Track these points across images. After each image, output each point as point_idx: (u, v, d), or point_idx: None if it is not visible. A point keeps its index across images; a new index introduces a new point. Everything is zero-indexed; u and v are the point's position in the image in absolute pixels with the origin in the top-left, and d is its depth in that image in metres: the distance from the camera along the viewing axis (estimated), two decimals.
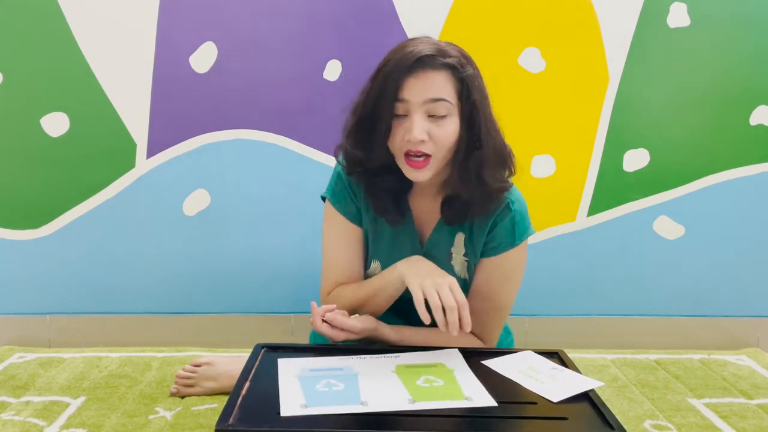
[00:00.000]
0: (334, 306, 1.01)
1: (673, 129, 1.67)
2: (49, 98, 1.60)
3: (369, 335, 1.00)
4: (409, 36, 1.59)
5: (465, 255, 1.10)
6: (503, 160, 1.03)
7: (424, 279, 0.95)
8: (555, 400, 0.80)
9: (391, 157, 1.02)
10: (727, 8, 1.61)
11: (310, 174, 1.65)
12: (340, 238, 1.13)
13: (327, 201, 1.14)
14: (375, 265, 1.13)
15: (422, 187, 1.09)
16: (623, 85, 1.64)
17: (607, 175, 1.68)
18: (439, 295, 0.93)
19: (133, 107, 1.61)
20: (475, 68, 1.01)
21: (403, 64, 0.96)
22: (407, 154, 0.99)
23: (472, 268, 1.11)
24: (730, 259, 1.72)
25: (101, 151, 1.63)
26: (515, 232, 1.08)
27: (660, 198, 1.70)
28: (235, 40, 1.60)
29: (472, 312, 0.96)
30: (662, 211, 1.70)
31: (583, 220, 1.71)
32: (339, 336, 0.98)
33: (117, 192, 1.65)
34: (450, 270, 1.10)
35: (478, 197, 1.04)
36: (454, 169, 1.02)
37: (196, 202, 1.67)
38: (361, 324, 0.99)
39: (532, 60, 1.63)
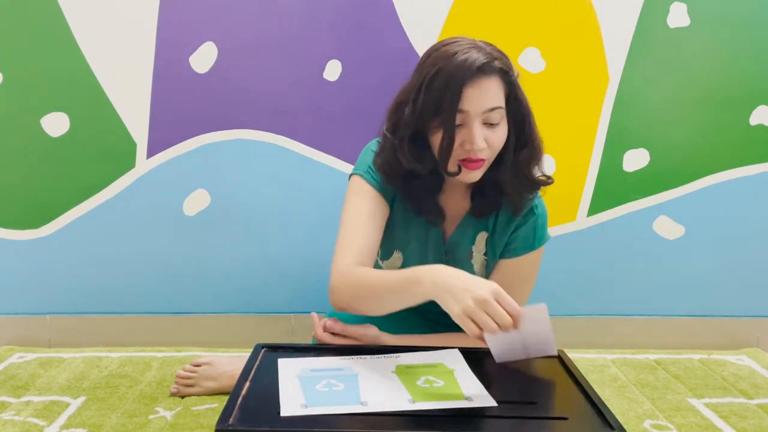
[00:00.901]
0: (336, 318, 1.03)
1: (673, 129, 1.67)
2: (49, 98, 1.60)
3: (370, 342, 1.01)
4: (409, 36, 1.60)
5: (485, 254, 1.11)
6: (542, 153, 1.05)
7: (463, 299, 0.81)
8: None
9: (437, 164, 1.02)
10: (727, 8, 1.61)
11: (310, 174, 1.65)
12: (369, 211, 1.06)
13: (357, 177, 1.09)
14: (396, 255, 1.12)
15: (453, 184, 1.08)
16: (623, 85, 1.64)
17: (607, 175, 1.68)
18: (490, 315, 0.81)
19: (133, 107, 1.61)
20: (512, 65, 1.00)
21: (460, 74, 0.93)
22: (462, 160, 0.99)
23: (490, 267, 1.13)
24: (730, 259, 1.72)
25: (101, 151, 1.63)
26: (535, 236, 1.10)
27: (660, 198, 1.69)
28: (235, 40, 1.60)
29: None
30: (662, 211, 1.70)
31: (583, 220, 1.71)
32: (341, 343, 0.99)
33: (117, 192, 1.65)
34: (469, 268, 1.11)
35: (521, 190, 1.05)
36: (504, 167, 1.02)
37: (196, 202, 1.67)
38: (363, 331, 1.01)
39: (532, 60, 1.63)
